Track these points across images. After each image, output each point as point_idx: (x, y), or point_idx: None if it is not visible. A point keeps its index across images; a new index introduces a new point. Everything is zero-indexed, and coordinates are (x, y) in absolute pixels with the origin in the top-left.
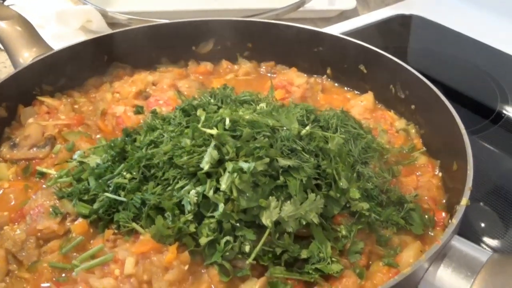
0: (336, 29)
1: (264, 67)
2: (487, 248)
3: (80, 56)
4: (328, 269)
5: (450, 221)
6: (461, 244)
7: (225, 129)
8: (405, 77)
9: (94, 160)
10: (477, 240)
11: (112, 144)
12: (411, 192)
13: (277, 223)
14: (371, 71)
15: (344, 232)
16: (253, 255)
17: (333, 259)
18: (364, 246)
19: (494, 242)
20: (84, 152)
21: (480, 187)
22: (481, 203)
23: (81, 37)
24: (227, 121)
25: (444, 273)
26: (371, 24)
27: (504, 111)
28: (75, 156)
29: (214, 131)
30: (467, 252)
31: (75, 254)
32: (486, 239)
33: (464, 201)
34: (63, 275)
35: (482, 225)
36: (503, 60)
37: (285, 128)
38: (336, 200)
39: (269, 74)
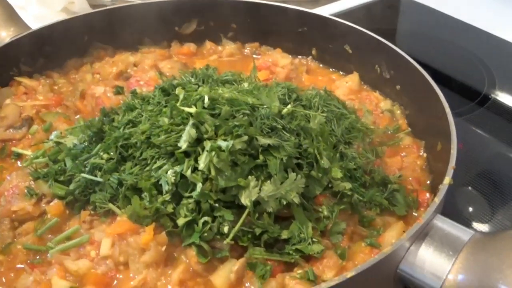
0: (324, 11)
1: (248, 48)
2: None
3: (59, 36)
4: (308, 250)
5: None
6: (443, 223)
7: (204, 108)
8: (390, 57)
9: (70, 141)
10: (465, 224)
11: (89, 124)
12: (395, 173)
13: (256, 203)
14: (356, 51)
15: (325, 213)
16: (231, 235)
17: (314, 239)
18: (346, 226)
19: (481, 226)
20: (61, 132)
21: (468, 171)
22: (469, 187)
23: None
24: (206, 99)
25: (426, 252)
26: (360, 6)
27: (491, 94)
28: (52, 137)
29: (192, 110)
30: (449, 231)
31: (50, 236)
32: (473, 223)
33: (447, 180)
34: (38, 257)
35: (470, 209)
36: (491, 42)
37: (265, 106)
38: (318, 180)
39: (253, 55)
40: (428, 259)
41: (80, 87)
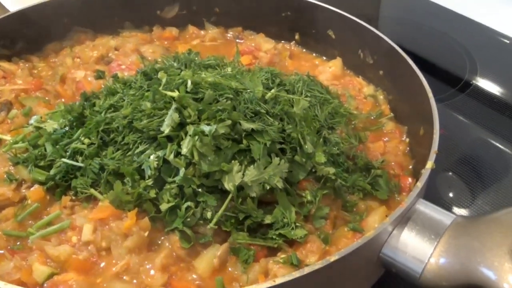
0: None
1: (231, 32)
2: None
3: (39, 19)
4: (291, 235)
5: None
6: (425, 208)
7: (186, 92)
8: (374, 42)
9: (51, 126)
10: (445, 209)
11: (70, 109)
12: (378, 157)
13: (240, 188)
14: (339, 36)
15: (309, 198)
16: (214, 220)
17: (297, 224)
18: (329, 211)
19: (461, 211)
20: (41, 117)
21: (449, 156)
22: (450, 172)
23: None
24: (189, 83)
25: (408, 236)
26: None
27: (472, 80)
28: (31, 121)
29: (175, 94)
30: (431, 215)
31: (30, 221)
32: (454, 208)
33: (429, 164)
34: (18, 243)
35: (451, 194)
36: (474, 29)
37: (249, 90)
38: (302, 165)
39: (236, 40)
40: (410, 243)
41: (60, 71)
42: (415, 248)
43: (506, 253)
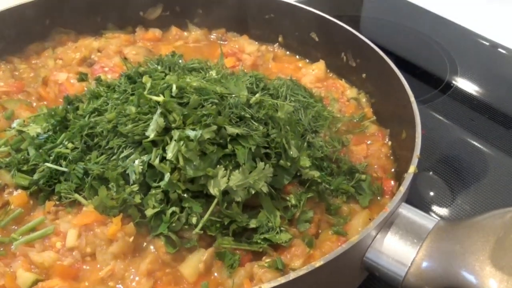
0: None
1: (214, 34)
2: (434, 216)
3: (20, 19)
4: (276, 239)
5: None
6: (408, 212)
7: (171, 96)
8: (357, 45)
9: (34, 130)
10: (426, 208)
11: (53, 113)
12: (361, 160)
13: (225, 193)
14: (322, 39)
15: (293, 201)
16: (200, 225)
17: (282, 228)
18: (313, 215)
19: (442, 210)
20: (23, 120)
21: (430, 157)
22: (431, 172)
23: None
24: (174, 88)
25: (391, 240)
26: None
27: (453, 81)
28: (14, 125)
29: (160, 98)
30: (414, 219)
31: (14, 227)
32: (434, 207)
33: (412, 168)
34: (1, 249)
35: (431, 193)
36: (454, 31)
37: (233, 95)
38: (286, 169)
39: (220, 42)
40: (393, 247)
41: (42, 73)
42: (398, 252)
43: (487, 257)
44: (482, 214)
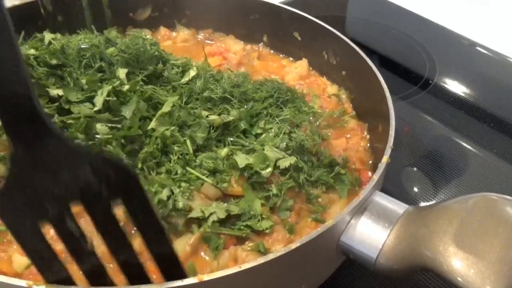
0: None
1: (202, 34)
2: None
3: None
4: (258, 226)
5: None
6: (381, 199)
7: None
8: (336, 44)
9: None
10: (411, 202)
11: None
12: (340, 153)
13: None
14: (304, 38)
15: (274, 191)
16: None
17: (263, 216)
18: (293, 203)
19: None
20: None
21: (413, 152)
22: (415, 168)
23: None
24: None
25: (364, 225)
26: None
27: (432, 78)
28: None
29: None
30: (386, 205)
31: None
32: (420, 202)
33: (385, 158)
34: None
35: (415, 188)
36: (433, 30)
37: None
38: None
39: (206, 41)
40: (366, 231)
41: None
42: (370, 236)
43: (450, 238)
44: (450, 199)
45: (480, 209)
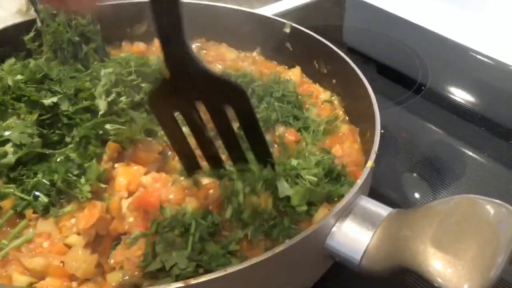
0: (272, 10)
1: (195, 44)
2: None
3: (9, 39)
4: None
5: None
6: (365, 202)
7: None
8: (326, 53)
9: None
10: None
11: None
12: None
13: None
14: (296, 48)
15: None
16: None
17: None
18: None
19: None
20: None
21: (412, 158)
22: (414, 174)
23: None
24: None
25: (349, 228)
26: (307, 4)
27: (425, 83)
28: None
29: None
30: (370, 209)
31: (8, 229)
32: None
33: (369, 163)
34: None
35: (416, 194)
36: (426, 36)
37: None
38: None
39: (200, 51)
40: (350, 234)
41: None
42: (354, 239)
43: (429, 239)
44: (433, 201)
45: (460, 210)
